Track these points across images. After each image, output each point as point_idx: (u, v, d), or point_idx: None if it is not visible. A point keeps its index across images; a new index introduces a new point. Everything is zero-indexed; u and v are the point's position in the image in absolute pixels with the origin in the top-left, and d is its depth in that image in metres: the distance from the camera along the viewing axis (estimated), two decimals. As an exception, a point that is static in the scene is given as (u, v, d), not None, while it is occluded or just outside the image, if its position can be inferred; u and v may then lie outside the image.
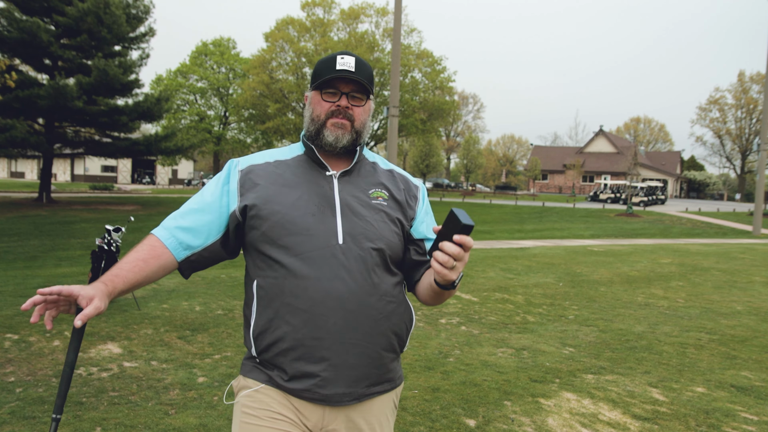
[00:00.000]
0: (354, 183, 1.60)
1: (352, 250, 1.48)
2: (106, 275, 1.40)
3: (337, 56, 1.56)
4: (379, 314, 1.50)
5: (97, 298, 1.29)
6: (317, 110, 1.58)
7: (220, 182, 1.59)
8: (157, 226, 1.56)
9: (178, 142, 24.97)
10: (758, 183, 24.20)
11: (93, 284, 1.34)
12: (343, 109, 1.56)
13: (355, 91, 1.57)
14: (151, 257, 1.47)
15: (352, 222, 1.52)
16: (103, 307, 1.30)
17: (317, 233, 1.48)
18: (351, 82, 1.56)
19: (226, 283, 8.19)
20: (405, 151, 61.21)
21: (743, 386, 4.46)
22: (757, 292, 8.90)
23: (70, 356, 1.35)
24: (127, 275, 1.41)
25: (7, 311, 6.08)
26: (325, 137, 1.57)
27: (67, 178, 52.85)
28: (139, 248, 1.49)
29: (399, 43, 17.61)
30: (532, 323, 6.45)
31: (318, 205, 1.52)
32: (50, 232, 15.10)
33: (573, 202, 41.46)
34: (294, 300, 1.46)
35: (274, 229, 1.49)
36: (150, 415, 3.56)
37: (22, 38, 19.09)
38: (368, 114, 1.62)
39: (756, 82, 63.22)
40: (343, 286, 1.46)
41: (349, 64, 1.55)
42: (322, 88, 1.57)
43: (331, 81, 1.55)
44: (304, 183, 1.57)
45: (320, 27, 36.51)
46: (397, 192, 1.65)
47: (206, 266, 1.59)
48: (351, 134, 1.57)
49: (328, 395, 1.47)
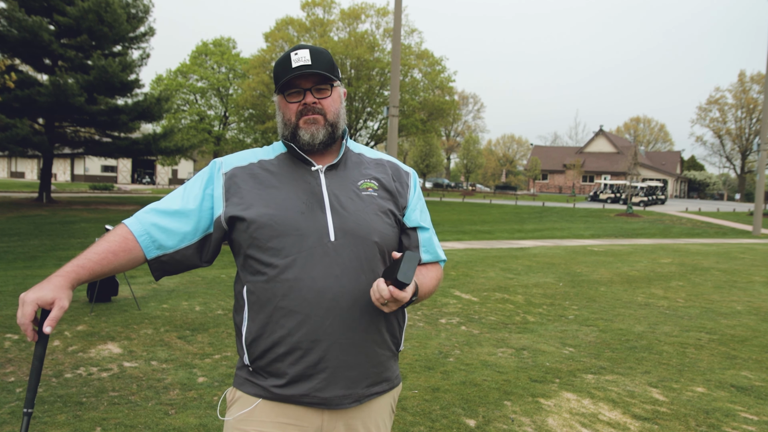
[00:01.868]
0: (341, 176, 1.55)
1: (345, 247, 1.45)
2: (72, 263, 1.36)
3: (291, 54, 1.50)
4: (375, 311, 1.47)
5: (57, 300, 1.28)
6: (287, 114, 1.54)
7: (202, 185, 1.53)
8: (131, 217, 1.50)
9: (178, 142, 24.96)
10: (758, 183, 24.19)
11: (50, 282, 1.31)
12: (311, 106, 1.51)
13: (317, 84, 1.51)
14: (121, 250, 1.43)
15: (342, 217, 1.47)
16: (66, 303, 1.29)
17: (308, 232, 1.44)
18: (311, 75, 1.49)
19: (226, 283, 8.18)
20: (405, 151, 61.20)
21: (743, 386, 4.46)
22: (757, 292, 8.90)
23: (38, 349, 1.33)
24: (94, 267, 1.38)
25: (7, 311, 6.08)
26: (300, 137, 1.52)
27: (67, 178, 52.84)
28: (111, 238, 1.44)
29: (399, 43, 17.61)
30: (532, 323, 6.45)
31: (306, 203, 1.48)
32: (50, 232, 15.09)
33: (573, 202, 41.45)
34: (287, 303, 1.42)
35: (262, 231, 1.44)
36: (150, 415, 3.56)
37: (23, 38, 19.09)
38: (339, 102, 1.56)
39: (756, 82, 63.19)
40: (338, 284, 1.42)
41: (304, 59, 1.49)
42: (284, 90, 1.52)
43: (291, 81, 1.50)
44: (290, 181, 1.52)
45: (320, 27, 36.49)
46: (387, 181, 1.60)
47: (178, 271, 1.53)
48: (326, 128, 1.52)
49: (328, 398, 1.44)
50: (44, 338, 1.32)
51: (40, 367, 1.34)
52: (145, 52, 23.91)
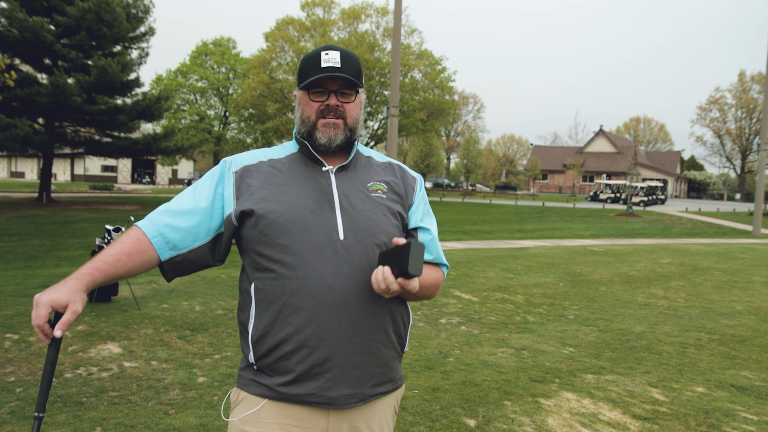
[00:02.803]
0: (352, 177, 1.56)
1: (354, 246, 1.45)
2: (86, 266, 1.36)
3: (321, 52, 1.50)
4: (382, 310, 1.47)
5: (71, 303, 1.27)
6: (307, 111, 1.53)
7: (213, 184, 1.53)
8: (144, 219, 1.50)
9: (178, 142, 24.95)
10: (758, 183, 24.20)
11: (65, 284, 1.30)
12: (333, 108, 1.51)
13: (343, 87, 1.52)
14: (135, 252, 1.42)
15: (352, 217, 1.48)
16: (80, 307, 1.29)
17: (317, 230, 1.44)
18: (338, 78, 1.50)
19: (226, 283, 8.19)
20: (405, 151, 61.20)
21: (743, 386, 4.46)
22: (757, 292, 8.90)
23: (51, 353, 1.32)
24: (109, 269, 1.37)
25: (7, 311, 6.08)
26: (317, 139, 1.52)
27: (67, 178, 52.83)
28: (124, 240, 1.44)
29: (399, 43, 17.61)
30: (532, 323, 6.45)
31: (316, 201, 1.48)
32: (50, 232, 15.09)
33: (573, 202, 41.45)
34: (296, 300, 1.41)
35: (272, 228, 1.44)
36: (150, 415, 3.56)
37: (24, 38, 19.10)
38: (360, 108, 1.57)
39: (757, 82, 63.18)
40: (347, 283, 1.42)
41: (335, 60, 1.49)
42: (310, 87, 1.52)
43: (318, 80, 1.50)
44: (301, 180, 1.52)
45: (320, 27, 36.50)
46: (396, 184, 1.61)
47: (190, 271, 1.53)
48: (344, 132, 1.53)
49: (334, 397, 1.44)
50: (57, 342, 1.31)
51: (52, 371, 1.33)
52: (144, 51, 23.92)
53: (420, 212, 1.62)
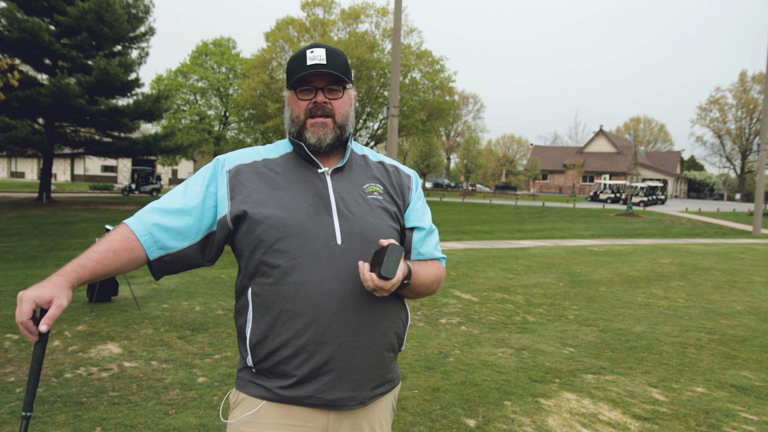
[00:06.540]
0: (348, 179, 1.55)
1: (352, 250, 1.44)
2: (72, 263, 1.34)
3: (306, 51, 1.49)
4: (381, 314, 1.47)
5: (55, 298, 1.25)
6: (295, 110, 1.52)
7: (205, 182, 1.51)
8: (132, 216, 1.48)
9: (178, 142, 24.96)
10: (758, 183, 24.19)
11: (50, 281, 1.28)
12: (321, 105, 1.49)
13: (330, 84, 1.50)
14: (122, 250, 1.40)
15: (349, 221, 1.47)
16: (65, 302, 1.26)
17: (315, 235, 1.43)
18: (324, 75, 1.48)
19: (226, 283, 8.19)
20: (405, 151, 61.21)
21: (743, 386, 4.46)
22: (757, 292, 8.90)
23: (37, 351, 1.30)
24: (95, 266, 1.35)
25: (7, 311, 6.08)
26: (307, 139, 1.51)
27: (67, 178, 52.83)
28: (112, 238, 1.42)
29: (399, 43, 17.61)
30: (532, 323, 6.45)
31: (313, 205, 1.47)
32: (50, 232, 15.09)
33: (573, 202, 41.45)
34: (294, 305, 1.41)
35: (269, 233, 1.42)
36: (150, 415, 3.56)
37: (23, 38, 19.09)
38: (349, 105, 1.55)
39: (757, 82, 63.15)
40: (345, 287, 1.42)
41: (320, 57, 1.48)
42: (296, 86, 1.51)
43: (304, 78, 1.49)
44: (297, 182, 1.50)
45: (320, 27, 36.48)
46: (390, 185, 1.60)
47: (179, 270, 1.51)
48: (334, 131, 1.51)
49: (333, 400, 1.43)
50: (43, 338, 1.29)
51: (38, 370, 1.31)
52: (144, 51, 23.94)
53: (418, 211, 1.61)
